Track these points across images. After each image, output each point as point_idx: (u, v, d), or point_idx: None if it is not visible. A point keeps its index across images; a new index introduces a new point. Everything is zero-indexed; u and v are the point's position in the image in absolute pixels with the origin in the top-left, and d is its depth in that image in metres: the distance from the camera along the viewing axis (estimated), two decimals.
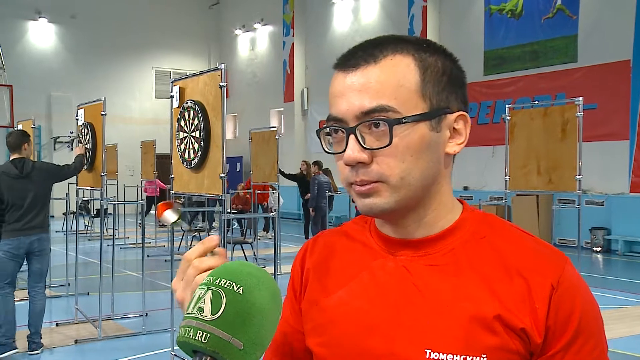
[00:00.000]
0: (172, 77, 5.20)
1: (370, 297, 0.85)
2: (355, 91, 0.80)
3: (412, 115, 0.79)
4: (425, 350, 0.79)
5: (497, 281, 0.80)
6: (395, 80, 0.79)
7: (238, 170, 18.88)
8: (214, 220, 13.50)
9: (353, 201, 0.87)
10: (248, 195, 11.95)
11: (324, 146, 0.86)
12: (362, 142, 0.80)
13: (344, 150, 0.81)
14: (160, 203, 0.87)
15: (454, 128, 0.83)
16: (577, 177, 5.40)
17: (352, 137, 0.80)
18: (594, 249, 10.67)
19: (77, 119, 5.97)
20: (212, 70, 4.33)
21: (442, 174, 0.84)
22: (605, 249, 10.67)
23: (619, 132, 10.74)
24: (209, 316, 0.65)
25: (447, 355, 0.78)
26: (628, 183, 10.68)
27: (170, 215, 0.86)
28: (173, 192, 4.87)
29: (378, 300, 0.84)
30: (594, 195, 10.80)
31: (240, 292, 0.66)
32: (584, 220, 7.01)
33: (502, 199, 6.37)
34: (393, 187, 0.80)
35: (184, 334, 0.66)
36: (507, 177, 6.01)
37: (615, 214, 10.53)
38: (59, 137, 18.90)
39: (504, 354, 0.77)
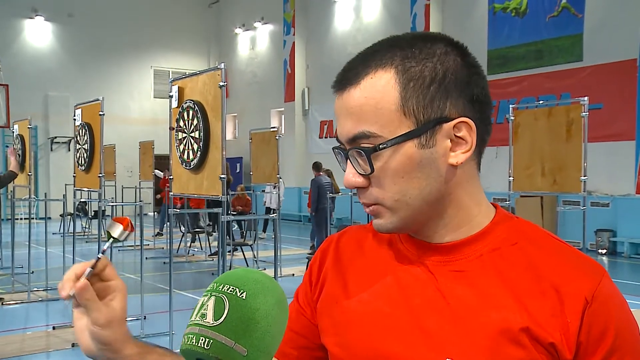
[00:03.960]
0: (171, 77, 5.16)
1: (392, 300, 0.82)
2: (344, 115, 0.80)
3: (391, 139, 0.76)
4: (447, 358, 0.76)
5: (526, 292, 0.76)
6: (374, 102, 0.77)
7: (238, 171, 18.80)
8: (215, 222, 13.41)
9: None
10: (248, 197, 11.87)
11: (340, 164, 0.85)
12: (355, 167, 0.79)
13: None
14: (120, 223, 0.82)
15: (455, 135, 0.78)
16: (582, 178, 5.41)
17: (349, 161, 0.80)
18: (600, 251, 10.59)
19: (74, 119, 5.93)
20: (212, 70, 4.31)
21: (451, 184, 0.80)
22: (610, 251, 10.59)
23: (625, 133, 10.68)
24: (212, 322, 0.64)
25: None
26: (634, 184, 10.62)
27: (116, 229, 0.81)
28: (172, 193, 4.81)
29: (400, 303, 0.82)
30: (599, 196, 10.71)
31: (244, 298, 0.65)
32: (589, 222, 6.93)
33: (506, 201, 6.33)
34: (390, 209, 0.79)
35: (187, 342, 0.65)
36: (511, 179, 5.99)
37: (621, 216, 10.46)
38: (55, 138, 18.82)
39: None
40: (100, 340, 0.77)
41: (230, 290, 0.66)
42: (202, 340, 0.64)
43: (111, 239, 0.81)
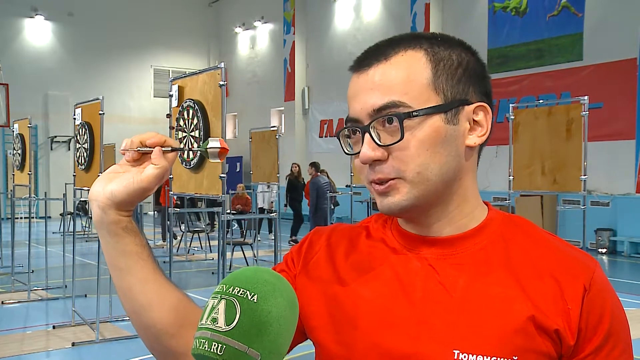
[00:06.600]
0: (171, 76, 5.16)
1: (394, 295, 0.83)
2: (367, 90, 0.81)
3: (424, 109, 0.78)
4: (454, 350, 0.77)
5: (528, 282, 0.79)
6: (406, 75, 0.79)
7: (238, 170, 18.78)
8: (215, 220, 13.40)
9: (372, 199, 0.83)
10: (248, 196, 11.87)
11: (344, 148, 0.86)
12: (376, 140, 0.79)
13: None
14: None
15: (473, 120, 0.82)
16: (582, 177, 5.40)
17: (367, 135, 0.80)
18: (600, 250, 10.58)
19: (74, 118, 5.92)
20: (212, 69, 4.31)
21: (464, 168, 0.83)
22: (610, 250, 10.59)
23: (625, 132, 10.67)
24: (224, 327, 0.63)
25: (476, 356, 0.77)
26: (634, 183, 10.61)
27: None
28: (172, 192, 4.81)
29: (402, 298, 0.82)
30: (599, 195, 10.71)
31: (255, 301, 0.64)
32: (589, 222, 6.92)
33: (506, 200, 6.33)
34: (411, 183, 0.80)
35: (199, 346, 0.64)
36: (511, 178, 5.98)
37: (621, 215, 10.45)
38: (55, 137, 18.80)
39: (535, 355, 0.76)
40: (111, 194, 0.84)
41: (241, 294, 0.65)
42: (214, 345, 0.63)
43: (202, 148, 0.85)
